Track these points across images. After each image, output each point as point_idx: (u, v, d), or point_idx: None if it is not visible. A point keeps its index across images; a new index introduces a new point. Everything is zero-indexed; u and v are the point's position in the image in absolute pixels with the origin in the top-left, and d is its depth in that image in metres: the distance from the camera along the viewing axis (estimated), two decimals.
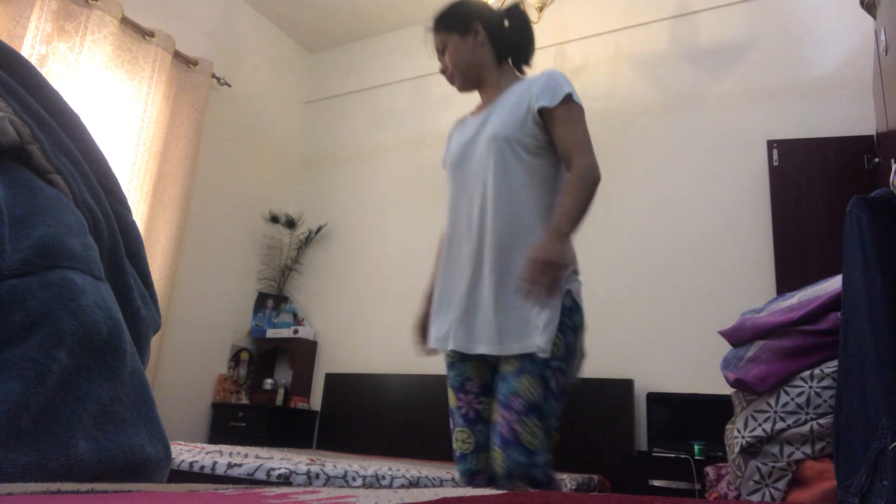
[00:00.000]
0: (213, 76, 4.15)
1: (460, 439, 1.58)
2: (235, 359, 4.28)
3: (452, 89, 4.32)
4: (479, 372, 1.59)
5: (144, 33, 3.70)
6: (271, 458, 2.24)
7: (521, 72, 1.84)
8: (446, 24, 1.72)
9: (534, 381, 1.43)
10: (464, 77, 1.74)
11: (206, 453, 2.30)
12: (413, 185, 4.38)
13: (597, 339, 3.49)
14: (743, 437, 1.61)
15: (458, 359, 1.60)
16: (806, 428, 1.51)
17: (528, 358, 1.45)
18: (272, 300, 4.48)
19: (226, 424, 3.99)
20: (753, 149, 3.35)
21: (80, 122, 0.78)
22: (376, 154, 4.67)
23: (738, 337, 1.76)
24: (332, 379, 4.20)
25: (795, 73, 3.40)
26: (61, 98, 0.77)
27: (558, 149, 1.60)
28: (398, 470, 2.18)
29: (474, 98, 1.84)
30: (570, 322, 1.50)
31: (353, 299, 4.40)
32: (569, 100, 1.60)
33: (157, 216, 3.67)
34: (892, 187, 1.59)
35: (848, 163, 2.92)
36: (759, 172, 3.30)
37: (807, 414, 1.51)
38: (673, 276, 3.40)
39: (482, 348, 1.53)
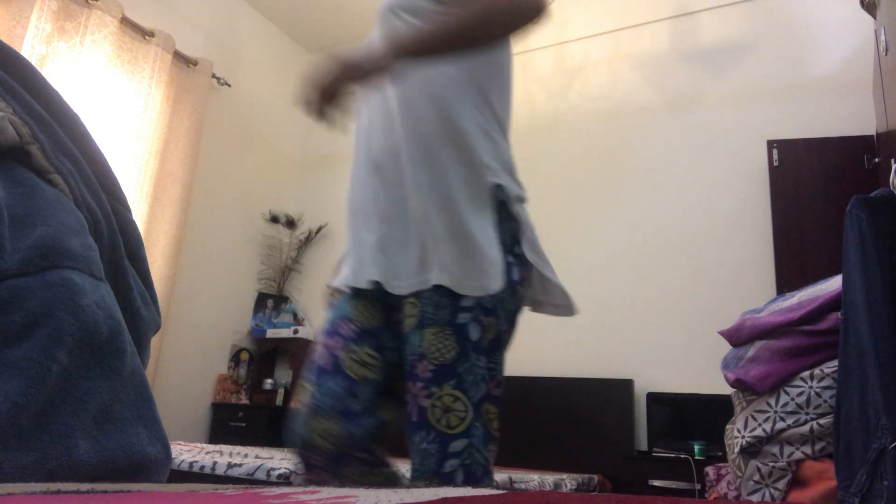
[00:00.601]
0: (213, 76, 4.15)
1: (302, 397, 1.14)
2: (235, 359, 4.28)
3: None
4: (366, 313, 1.15)
5: (144, 33, 3.70)
6: (271, 458, 2.24)
7: None
8: None
9: (442, 333, 1.02)
10: None
11: (206, 453, 2.30)
12: None
13: (597, 339, 3.50)
14: (743, 437, 1.61)
15: (346, 297, 1.19)
16: (806, 428, 1.51)
17: (429, 301, 1.04)
18: (272, 300, 4.48)
19: (226, 424, 3.99)
20: (753, 149, 3.35)
21: (80, 122, 0.78)
22: None
23: (738, 337, 1.76)
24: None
25: (795, 73, 3.40)
26: (61, 98, 0.77)
27: None
28: (398, 470, 2.17)
29: None
30: (498, 237, 1.09)
31: None
32: None
33: (157, 216, 3.67)
34: (892, 187, 1.59)
35: (848, 163, 2.92)
36: (759, 172, 3.30)
37: (807, 414, 1.51)
38: (673, 277, 3.40)
39: (366, 276, 1.11)
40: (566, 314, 1.20)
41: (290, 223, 4.65)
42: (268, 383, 4.31)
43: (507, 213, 1.11)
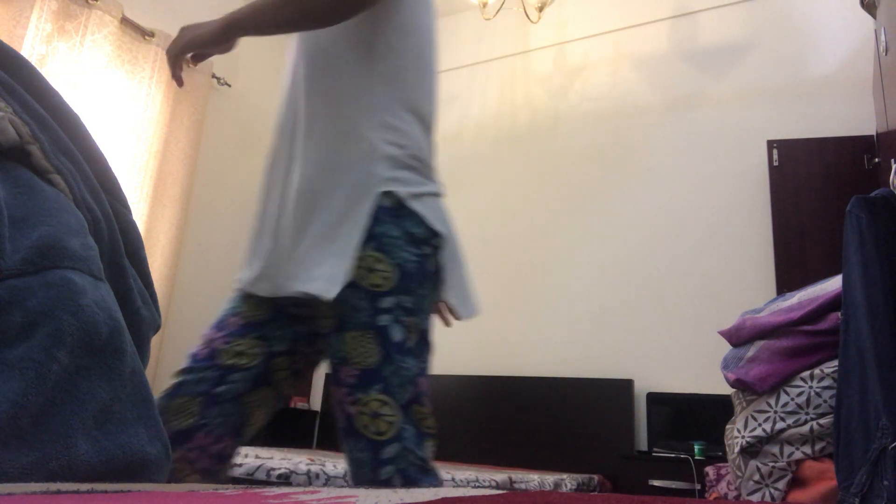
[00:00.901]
0: (213, 76, 4.15)
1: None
2: None
3: (453, 88, 4.34)
4: (255, 307, 1.13)
5: (144, 33, 3.70)
6: (271, 458, 2.24)
7: None
8: None
9: (363, 337, 0.99)
10: None
11: None
12: None
13: (597, 339, 3.50)
14: (743, 437, 1.61)
15: (241, 293, 1.18)
16: (806, 428, 1.51)
17: (345, 303, 1.00)
18: None
19: None
20: (753, 149, 3.35)
21: (80, 122, 0.78)
22: None
23: (738, 337, 1.76)
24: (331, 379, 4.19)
25: (795, 73, 3.40)
26: (61, 98, 0.77)
27: None
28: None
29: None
30: (399, 232, 1.03)
31: None
32: None
33: (157, 216, 3.67)
34: (892, 187, 1.59)
35: (848, 163, 2.92)
36: (759, 172, 3.30)
37: (807, 414, 1.51)
38: (673, 276, 3.40)
39: (264, 287, 1.10)
40: (464, 315, 1.14)
41: None
42: None
43: (406, 210, 1.05)
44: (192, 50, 1.14)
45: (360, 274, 1.00)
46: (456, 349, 3.85)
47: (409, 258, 1.03)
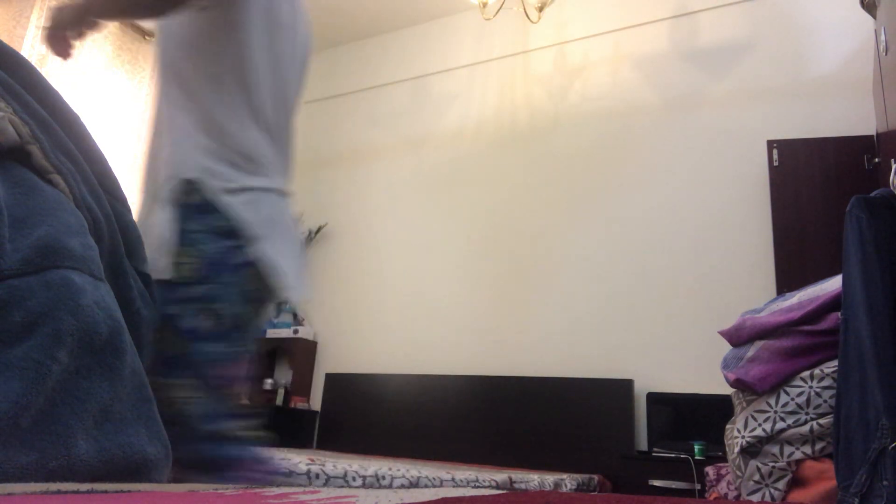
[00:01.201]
0: None
1: None
2: None
3: (452, 89, 4.35)
4: None
5: (144, 33, 3.70)
6: (271, 458, 2.24)
7: None
8: None
9: (164, 327, 1.02)
10: None
11: None
12: (413, 185, 4.38)
13: (597, 339, 3.50)
14: (743, 437, 1.61)
15: None
16: (806, 428, 1.51)
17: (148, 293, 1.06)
18: None
19: None
20: (753, 149, 3.35)
21: (80, 122, 0.78)
22: (376, 154, 4.67)
23: (738, 337, 1.76)
24: (332, 379, 4.19)
25: (795, 73, 3.40)
26: (61, 98, 0.77)
27: None
28: (398, 470, 2.17)
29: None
30: (202, 227, 1.08)
31: (352, 299, 4.40)
32: None
33: None
34: (892, 187, 1.59)
35: (848, 163, 2.92)
36: (759, 172, 3.30)
37: (807, 414, 1.51)
38: (673, 276, 3.40)
39: None
40: (293, 298, 1.19)
41: None
42: (268, 383, 4.31)
43: (212, 205, 1.09)
44: (59, 29, 1.16)
45: (171, 268, 1.07)
46: (456, 349, 3.85)
47: (213, 249, 1.07)
